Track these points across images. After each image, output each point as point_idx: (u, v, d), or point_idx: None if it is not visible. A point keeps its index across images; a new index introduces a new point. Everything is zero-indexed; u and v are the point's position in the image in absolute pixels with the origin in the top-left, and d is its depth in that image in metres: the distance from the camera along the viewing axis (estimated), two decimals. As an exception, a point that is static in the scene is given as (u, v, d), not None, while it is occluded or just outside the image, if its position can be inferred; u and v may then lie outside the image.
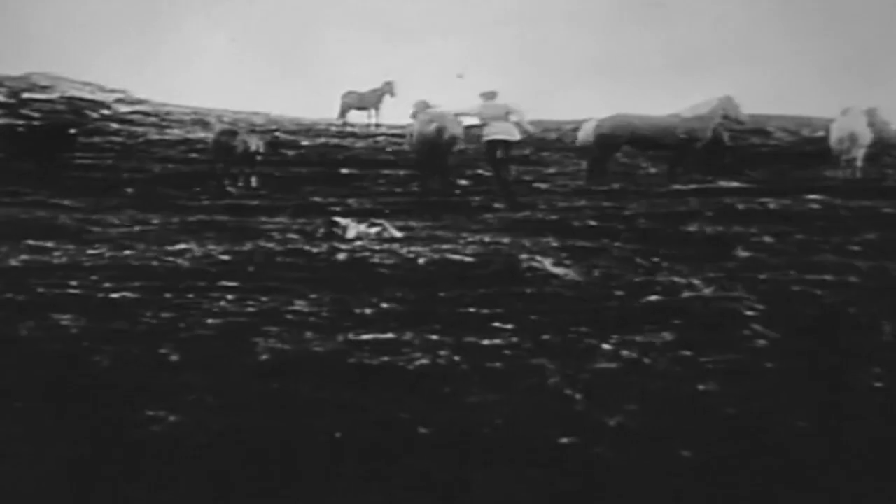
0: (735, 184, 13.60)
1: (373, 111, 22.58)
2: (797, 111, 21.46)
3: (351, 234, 9.68)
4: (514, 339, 5.30)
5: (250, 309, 6.14)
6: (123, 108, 22.25)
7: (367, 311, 6.09)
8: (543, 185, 14.52)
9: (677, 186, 13.51)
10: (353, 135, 20.96)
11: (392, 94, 22.26)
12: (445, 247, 8.82)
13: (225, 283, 7.06)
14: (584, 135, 15.27)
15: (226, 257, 8.37)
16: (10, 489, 3.50)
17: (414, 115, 14.98)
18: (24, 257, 8.32)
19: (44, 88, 22.27)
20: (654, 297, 6.33)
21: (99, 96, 22.77)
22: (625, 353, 4.99)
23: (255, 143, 15.21)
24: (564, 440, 3.83)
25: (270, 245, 9.12)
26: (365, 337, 5.39)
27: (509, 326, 5.61)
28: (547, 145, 19.30)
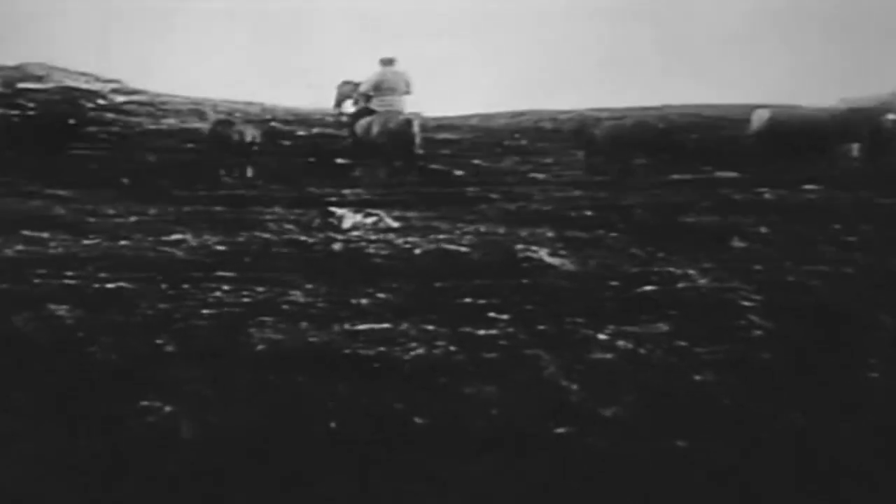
0: (731, 174, 13.58)
1: (369, 102, 22.49)
2: (795, 101, 21.43)
3: (347, 224, 9.66)
4: (510, 330, 5.30)
5: (246, 299, 6.14)
6: (119, 98, 22.14)
7: (363, 301, 6.09)
8: (540, 176, 14.50)
9: (673, 176, 13.49)
10: (349, 125, 20.89)
11: (388, 86, 22.17)
12: (442, 237, 8.82)
13: (220, 273, 7.05)
14: (758, 123, 14.82)
15: (221, 247, 8.36)
16: (5, 481, 3.50)
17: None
18: (19, 248, 8.30)
19: (39, 78, 22.17)
20: (649, 288, 6.33)
21: (94, 86, 22.66)
22: (621, 343, 4.99)
23: (251, 134, 15.16)
24: (560, 431, 3.83)
25: (266, 235, 9.10)
26: (361, 327, 5.38)
27: (505, 317, 5.60)
28: (544, 136, 19.29)
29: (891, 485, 3.46)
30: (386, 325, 5.42)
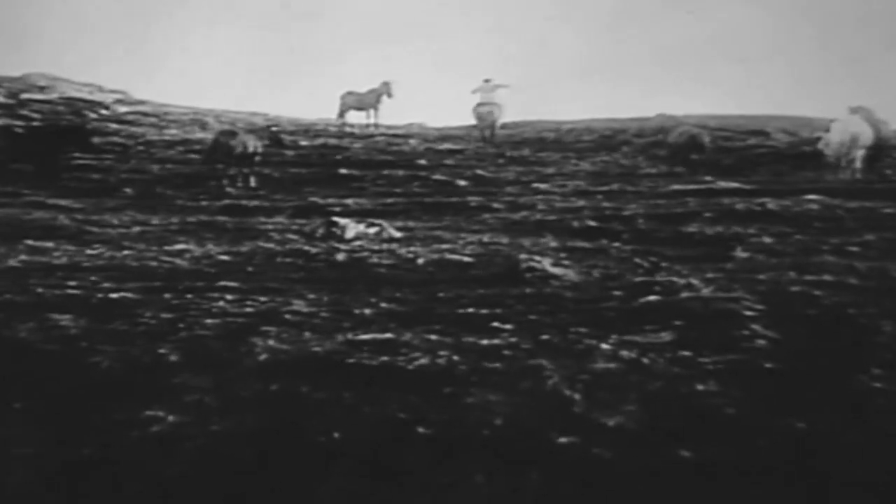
0: (734, 184, 13.59)
1: (371, 112, 22.53)
2: (796, 112, 21.48)
3: (350, 234, 9.69)
4: (514, 340, 5.30)
5: (249, 309, 6.14)
6: (122, 109, 22.23)
7: (366, 311, 6.09)
8: (542, 186, 14.52)
9: (676, 187, 13.51)
10: (351, 135, 20.95)
11: (389, 95, 22.18)
12: (444, 247, 8.83)
13: (224, 283, 7.06)
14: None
15: (225, 258, 8.37)
16: (10, 489, 3.50)
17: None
18: (23, 258, 8.32)
19: (42, 89, 22.25)
20: (653, 298, 6.33)
21: (98, 97, 22.75)
22: (624, 353, 4.98)
23: (254, 144, 15.20)
24: (563, 440, 3.83)
25: (269, 245, 9.13)
26: (364, 337, 5.38)
27: (508, 327, 5.60)
28: (546, 146, 19.32)
29: (892, 489, 3.45)
30: (389, 335, 5.42)
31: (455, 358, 4.93)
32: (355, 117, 22.86)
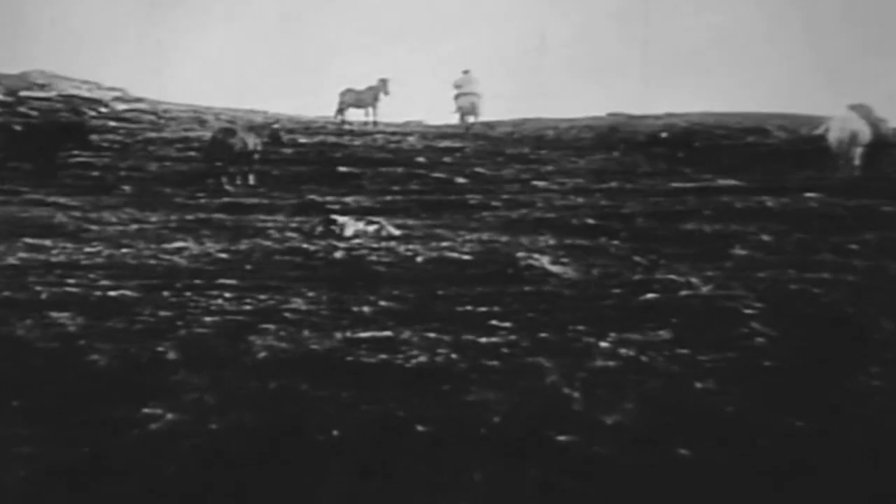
0: (733, 182, 13.59)
1: (370, 109, 22.50)
2: (796, 110, 21.45)
3: (349, 232, 9.68)
4: (513, 338, 5.30)
5: (248, 307, 6.14)
6: (121, 107, 22.19)
7: (365, 309, 6.09)
8: (541, 184, 14.51)
9: (674, 184, 13.50)
10: (350, 133, 20.94)
11: (386, 92, 22.14)
12: (443, 245, 8.82)
13: (223, 281, 7.06)
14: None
15: (223, 255, 8.37)
16: (9, 488, 3.49)
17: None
18: (21, 255, 8.31)
19: (41, 87, 22.22)
20: (651, 296, 6.33)
21: (96, 94, 22.70)
22: (623, 351, 4.99)
23: (253, 142, 15.18)
24: (562, 438, 3.83)
25: (268, 243, 9.12)
26: (363, 335, 5.38)
27: (507, 325, 5.60)
28: (545, 144, 19.31)
29: (891, 488, 3.45)
30: (388, 333, 5.42)
31: (454, 356, 4.93)
32: (354, 115, 22.83)
